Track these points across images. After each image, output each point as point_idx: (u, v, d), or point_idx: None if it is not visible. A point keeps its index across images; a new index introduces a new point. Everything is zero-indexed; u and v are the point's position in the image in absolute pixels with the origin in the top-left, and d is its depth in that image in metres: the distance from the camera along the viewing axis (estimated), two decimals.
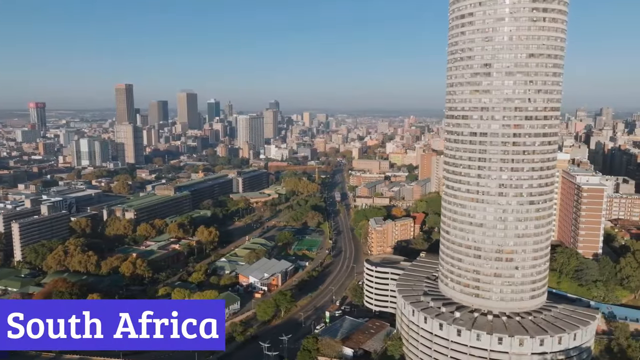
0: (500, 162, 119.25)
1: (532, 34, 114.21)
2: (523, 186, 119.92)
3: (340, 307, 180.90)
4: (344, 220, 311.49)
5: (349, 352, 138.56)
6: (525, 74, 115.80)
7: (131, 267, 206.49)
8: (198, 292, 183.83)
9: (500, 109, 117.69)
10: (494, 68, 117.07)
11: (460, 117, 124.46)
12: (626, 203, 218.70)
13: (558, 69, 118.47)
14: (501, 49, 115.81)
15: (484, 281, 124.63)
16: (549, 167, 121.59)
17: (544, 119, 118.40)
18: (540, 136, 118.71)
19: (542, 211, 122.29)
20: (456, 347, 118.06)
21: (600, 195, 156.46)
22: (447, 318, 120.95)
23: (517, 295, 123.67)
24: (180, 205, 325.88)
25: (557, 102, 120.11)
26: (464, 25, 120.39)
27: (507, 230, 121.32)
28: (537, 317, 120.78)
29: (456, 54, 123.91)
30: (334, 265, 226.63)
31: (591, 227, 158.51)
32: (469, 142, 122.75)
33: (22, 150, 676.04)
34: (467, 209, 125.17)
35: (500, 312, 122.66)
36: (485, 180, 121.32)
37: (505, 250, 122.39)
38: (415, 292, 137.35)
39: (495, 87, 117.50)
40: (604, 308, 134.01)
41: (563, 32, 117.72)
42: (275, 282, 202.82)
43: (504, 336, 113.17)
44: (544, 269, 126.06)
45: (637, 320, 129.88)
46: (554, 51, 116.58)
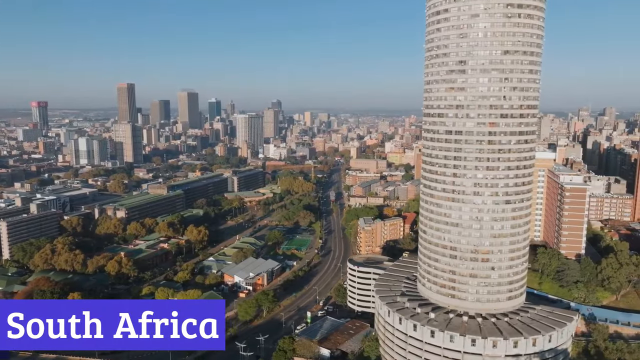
0: (476, 161, 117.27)
1: (507, 30, 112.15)
2: (499, 185, 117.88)
3: (323, 307, 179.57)
4: (337, 219, 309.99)
5: (326, 353, 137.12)
6: (500, 71, 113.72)
7: (116, 266, 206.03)
8: (182, 292, 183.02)
9: (475, 107, 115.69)
10: (468, 65, 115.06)
11: (436, 115, 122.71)
12: (617, 203, 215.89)
13: (535, 66, 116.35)
14: (476, 46, 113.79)
15: (460, 282, 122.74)
16: (526, 166, 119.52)
17: (520, 117, 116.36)
18: (516, 134, 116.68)
19: (518, 211, 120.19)
20: (430, 349, 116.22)
21: (583, 195, 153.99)
22: (421, 319, 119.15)
23: (494, 296, 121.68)
24: (173, 204, 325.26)
25: (534, 100, 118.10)
26: (439, 22, 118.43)
27: (482, 230, 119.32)
28: (513, 318, 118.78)
29: (432, 51, 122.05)
30: (321, 265, 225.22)
31: (574, 227, 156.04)
32: (445, 140, 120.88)
33: (23, 149, 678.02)
34: (443, 208, 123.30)
35: (476, 313, 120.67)
36: (461, 179, 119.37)
37: (481, 251, 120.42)
38: (393, 292, 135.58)
39: (470, 84, 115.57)
40: (584, 309, 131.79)
41: (540, 28, 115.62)
42: (260, 281, 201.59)
43: (477, 338, 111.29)
44: (522, 270, 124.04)
45: (617, 322, 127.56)
46: (530, 48, 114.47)
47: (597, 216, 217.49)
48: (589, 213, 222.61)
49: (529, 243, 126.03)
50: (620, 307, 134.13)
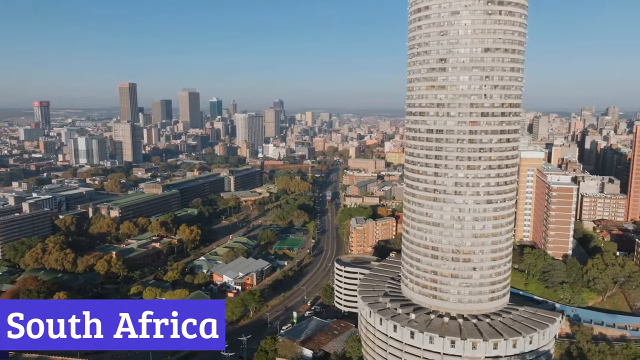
0: (456, 160, 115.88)
1: (488, 27, 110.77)
2: (480, 185, 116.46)
3: (311, 307, 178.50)
4: (331, 219, 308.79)
5: (309, 354, 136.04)
6: (481, 69, 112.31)
7: (106, 265, 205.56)
8: (169, 291, 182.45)
9: (455, 105, 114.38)
10: (449, 63, 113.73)
11: (417, 113, 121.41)
12: (610, 203, 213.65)
13: (517, 64, 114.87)
14: (456, 43, 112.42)
15: (442, 282, 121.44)
16: (508, 165, 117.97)
17: (502, 115, 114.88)
18: (497, 133, 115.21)
19: (500, 211, 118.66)
20: (410, 350, 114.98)
21: (570, 195, 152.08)
22: (401, 320, 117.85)
23: (475, 297, 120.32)
24: (168, 204, 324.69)
25: (516, 99, 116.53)
26: (420, 19, 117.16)
27: (464, 230, 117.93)
28: (495, 319, 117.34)
29: (414, 49, 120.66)
30: (312, 265, 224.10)
31: (561, 228, 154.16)
32: (426, 139, 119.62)
33: (23, 149, 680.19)
34: (424, 207, 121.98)
35: (458, 314, 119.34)
36: (442, 179, 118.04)
37: (462, 251, 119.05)
38: (376, 292, 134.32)
39: (451, 82, 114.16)
40: (568, 311, 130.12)
41: (522, 26, 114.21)
42: (249, 281, 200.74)
43: (456, 339, 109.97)
44: (505, 271, 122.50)
45: (602, 324, 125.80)
46: (512, 46, 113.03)
47: (590, 216, 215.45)
48: (580, 213, 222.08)
49: (512, 243, 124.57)
50: (606, 309, 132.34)
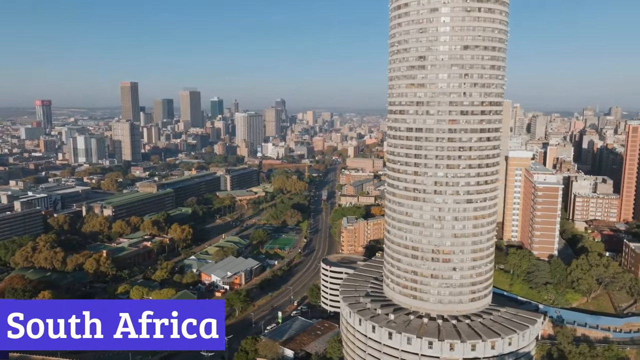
0: (436, 159, 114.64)
1: (467, 24, 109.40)
2: (459, 184, 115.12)
3: (298, 307, 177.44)
4: (325, 219, 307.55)
5: (290, 354, 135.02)
6: (460, 66, 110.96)
7: (95, 264, 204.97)
8: (156, 291, 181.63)
9: (435, 103, 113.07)
10: (428, 60, 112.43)
11: (397, 112, 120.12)
12: (603, 203, 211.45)
13: (497, 62, 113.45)
14: (435, 41, 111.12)
15: (422, 282, 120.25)
16: (488, 164, 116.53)
17: (481, 113, 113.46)
18: (477, 132, 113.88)
19: (481, 210, 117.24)
20: (388, 351, 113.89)
21: (556, 195, 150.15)
22: (380, 320, 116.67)
23: (456, 297, 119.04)
24: (162, 203, 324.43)
25: (496, 97, 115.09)
26: (400, 17, 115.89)
27: (443, 230, 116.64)
28: (475, 320, 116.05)
29: (394, 46, 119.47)
30: (302, 265, 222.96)
31: (546, 228, 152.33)
32: (406, 137, 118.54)
33: (24, 148, 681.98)
34: (404, 207, 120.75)
35: (438, 315, 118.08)
36: (422, 178, 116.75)
37: (443, 251, 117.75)
38: (358, 293, 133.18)
39: (430, 80, 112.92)
40: (552, 312, 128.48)
41: (502, 23, 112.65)
42: (238, 280, 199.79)
43: (434, 340, 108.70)
44: (486, 271, 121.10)
45: (585, 325, 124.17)
46: (492, 43, 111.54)
47: (582, 216, 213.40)
48: (573, 213, 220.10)
49: (493, 244, 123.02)
50: (590, 310, 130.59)
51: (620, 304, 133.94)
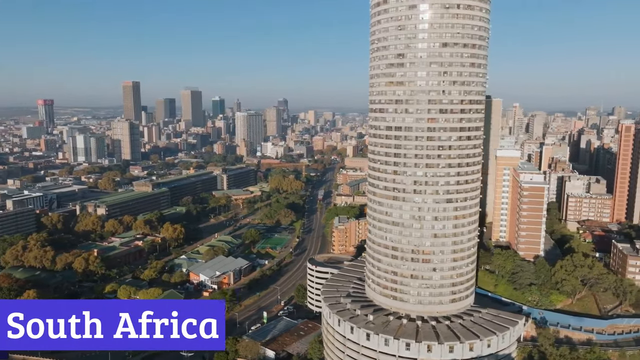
0: (415, 158, 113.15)
1: (445, 21, 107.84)
2: (439, 183, 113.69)
3: (284, 307, 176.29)
4: (319, 218, 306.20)
5: (271, 354, 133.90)
6: (439, 64, 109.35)
7: (83, 263, 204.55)
8: (143, 290, 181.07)
9: (413, 102, 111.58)
10: (407, 58, 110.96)
11: (377, 110, 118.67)
12: (596, 203, 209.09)
13: (477, 60, 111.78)
14: (414, 38, 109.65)
15: (402, 283, 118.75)
16: (469, 163, 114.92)
17: (461, 112, 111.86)
18: (456, 130, 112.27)
19: (461, 210, 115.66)
20: (366, 352, 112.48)
21: (541, 195, 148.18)
22: (359, 321, 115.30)
23: (436, 298, 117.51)
24: (157, 202, 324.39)
25: (477, 95, 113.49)
26: (379, 14, 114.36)
27: (423, 230, 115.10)
28: (455, 322, 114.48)
29: (374, 44, 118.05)
30: (292, 264, 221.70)
31: (532, 228, 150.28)
32: (385, 136, 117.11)
33: (25, 147, 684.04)
34: (384, 206, 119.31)
35: (417, 316, 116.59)
36: (401, 177, 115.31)
37: (423, 251, 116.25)
38: (339, 293, 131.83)
39: (409, 78, 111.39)
40: (535, 313, 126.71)
41: (482, 20, 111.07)
42: (226, 280, 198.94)
43: (411, 341, 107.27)
44: (467, 272, 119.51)
45: (569, 327, 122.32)
46: (471, 40, 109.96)
47: (575, 217, 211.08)
48: (565, 214, 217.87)
49: (475, 244, 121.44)
50: (575, 311, 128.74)
51: (606, 305, 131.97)
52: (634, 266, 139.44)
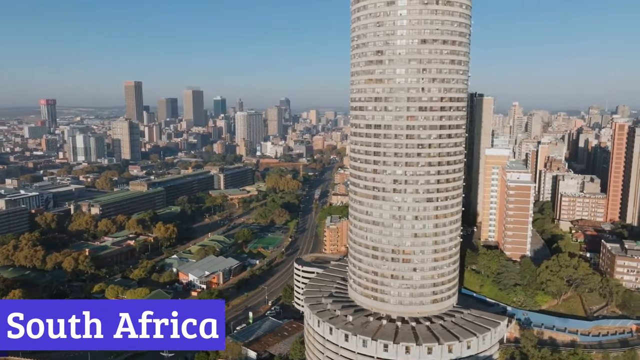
0: (394, 157, 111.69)
1: (424, 18, 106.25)
2: (419, 182, 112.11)
3: (271, 307, 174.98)
4: (314, 218, 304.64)
5: (253, 355, 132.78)
6: (418, 61, 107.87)
7: (73, 262, 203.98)
8: (130, 290, 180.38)
9: (392, 99, 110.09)
10: (385, 55, 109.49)
11: (357, 108, 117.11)
12: (590, 203, 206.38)
13: (457, 57, 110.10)
14: (392, 35, 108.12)
15: (382, 283, 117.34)
16: (449, 162, 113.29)
17: (441, 110, 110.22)
18: (436, 129, 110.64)
19: (442, 209, 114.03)
20: (345, 353, 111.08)
21: (528, 194, 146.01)
22: (338, 322, 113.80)
23: (417, 298, 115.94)
24: (152, 201, 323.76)
25: (457, 92, 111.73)
26: (359, 10, 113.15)
27: (403, 230, 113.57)
28: (435, 323, 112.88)
29: (354, 41, 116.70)
30: (283, 264, 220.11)
31: (519, 227, 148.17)
32: (365, 134, 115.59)
33: (26, 146, 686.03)
34: (364, 206, 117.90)
35: (398, 317, 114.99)
36: (381, 176, 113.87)
37: (403, 251, 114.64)
38: (322, 293, 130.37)
39: (387, 75, 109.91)
40: (520, 314, 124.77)
41: (462, 16, 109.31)
42: (215, 280, 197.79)
43: (389, 343, 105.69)
44: (449, 272, 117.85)
45: (553, 328, 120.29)
46: (451, 37, 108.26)
47: (569, 216, 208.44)
48: (559, 213, 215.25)
49: (458, 243, 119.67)
50: (560, 312, 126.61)
51: (592, 306, 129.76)
52: (621, 266, 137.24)
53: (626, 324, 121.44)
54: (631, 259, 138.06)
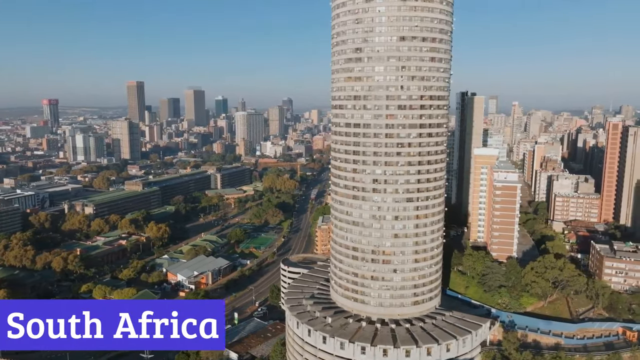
0: (374, 156, 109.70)
1: (403, 14, 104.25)
2: (399, 182, 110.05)
3: (258, 308, 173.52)
4: (309, 218, 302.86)
5: (234, 357, 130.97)
6: (397, 58, 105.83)
7: (62, 262, 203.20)
8: (118, 290, 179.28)
9: (371, 97, 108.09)
10: (364, 52, 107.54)
11: (337, 106, 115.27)
12: (583, 203, 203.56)
13: (437, 54, 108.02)
14: (371, 32, 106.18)
15: (362, 284, 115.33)
16: (430, 161, 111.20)
17: (421, 108, 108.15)
18: (416, 127, 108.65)
19: (423, 210, 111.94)
20: (323, 355, 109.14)
21: (514, 194, 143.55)
22: (316, 324, 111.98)
23: (397, 300, 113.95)
24: (147, 201, 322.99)
25: (438, 90, 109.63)
26: (339, 7, 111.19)
27: (383, 230, 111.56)
28: (415, 325, 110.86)
29: (334, 38, 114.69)
30: (274, 265, 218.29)
31: (505, 228, 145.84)
32: (345, 133, 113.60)
33: (27, 146, 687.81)
34: (345, 206, 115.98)
35: (378, 319, 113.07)
36: (360, 175, 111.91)
37: (383, 251, 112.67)
38: (304, 294, 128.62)
39: (366, 73, 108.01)
40: (504, 316, 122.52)
41: (442, 12, 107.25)
42: (204, 280, 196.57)
43: (367, 345, 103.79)
44: (430, 273, 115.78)
45: (537, 330, 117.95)
46: (430, 34, 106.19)
47: (562, 217, 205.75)
48: (553, 213, 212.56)
49: (440, 244, 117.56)
50: (546, 315, 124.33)
51: (578, 308, 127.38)
52: (609, 267, 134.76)
53: (612, 327, 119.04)
54: (619, 260, 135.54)
